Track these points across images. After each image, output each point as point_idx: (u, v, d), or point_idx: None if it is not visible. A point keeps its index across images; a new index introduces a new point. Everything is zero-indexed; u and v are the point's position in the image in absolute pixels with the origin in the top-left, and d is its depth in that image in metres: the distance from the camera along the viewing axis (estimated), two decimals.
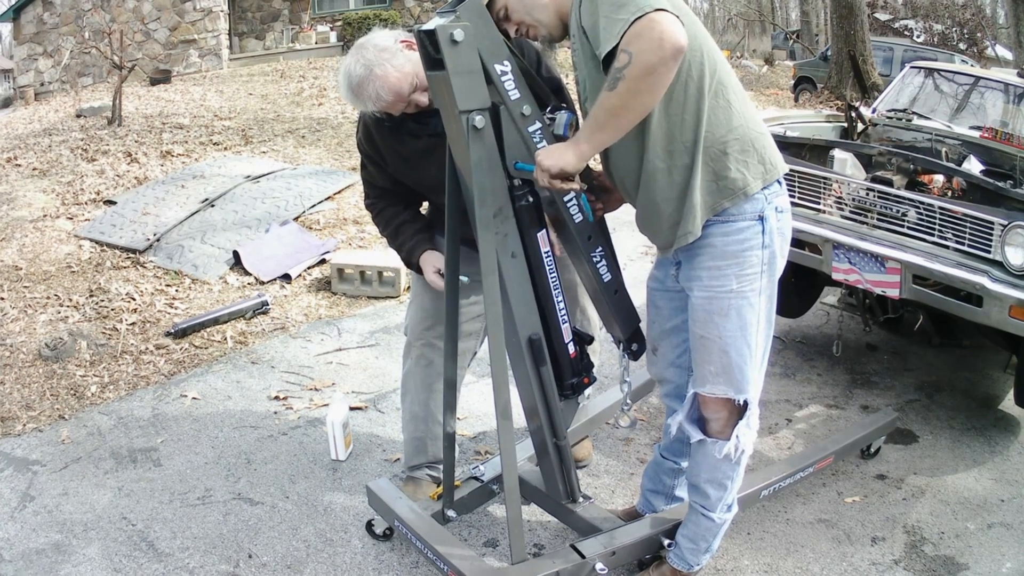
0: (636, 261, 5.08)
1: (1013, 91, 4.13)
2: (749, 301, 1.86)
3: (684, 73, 1.72)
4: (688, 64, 1.72)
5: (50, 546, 2.44)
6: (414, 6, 16.55)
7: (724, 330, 1.86)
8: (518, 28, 1.87)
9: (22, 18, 14.96)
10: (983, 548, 2.45)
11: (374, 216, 2.47)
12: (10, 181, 6.53)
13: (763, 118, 3.94)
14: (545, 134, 1.82)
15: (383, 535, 2.42)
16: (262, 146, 7.63)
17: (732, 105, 1.79)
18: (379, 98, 2.09)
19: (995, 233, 2.76)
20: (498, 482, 2.40)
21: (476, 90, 1.73)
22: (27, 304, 4.29)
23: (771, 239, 1.85)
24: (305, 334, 4.04)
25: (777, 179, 1.86)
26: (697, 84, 1.74)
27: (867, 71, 12.21)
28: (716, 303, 1.86)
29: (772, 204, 1.84)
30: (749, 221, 1.82)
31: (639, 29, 1.55)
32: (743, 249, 1.83)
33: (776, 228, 1.86)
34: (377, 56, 2.07)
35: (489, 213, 1.80)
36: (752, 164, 1.80)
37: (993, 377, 3.65)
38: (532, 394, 2.06)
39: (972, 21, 19.34)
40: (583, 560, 2.05)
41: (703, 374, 1.93)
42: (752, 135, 1.81)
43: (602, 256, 2.03)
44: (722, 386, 1.92)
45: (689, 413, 2.04)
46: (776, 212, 1.86)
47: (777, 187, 1.86)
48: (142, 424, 3.17)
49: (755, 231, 1.83)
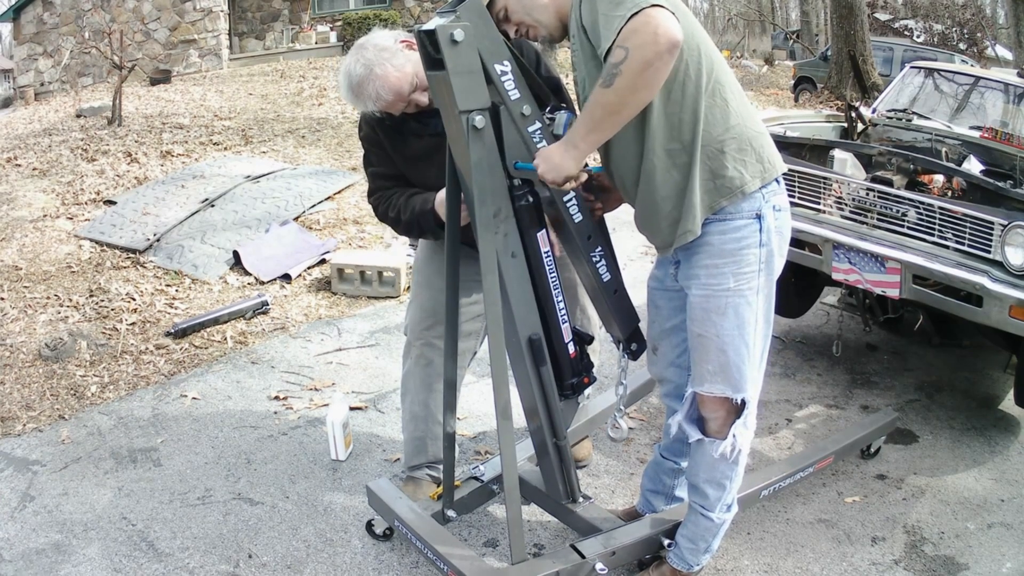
0: (636, 261, 5.08)
1: (1013, 91, 4.13)
2: (747, 299, 1.86)
3: (682, 72, 1.72)
4: (686, 63, 1.72)
5: (50, 546, 2.44)
6: (414, 6, 16.55)
7: (722, 329, 1.86)
8: (518, 28, 1.87)
9: (22, 18, 14.96)
10: (983, 548, 2.45)
11: (380, 204, 2.35)
12: (10, 181, 6.53)
13: (763, 118, 3.95)
14: (545, 134, 1.83)
15: (383, 535, 2.42)
16: (262, 146, 7.63)
17: (729, 104, 1.79)
18: (379, 98, 2.09)
19: (995, 233, 2.76)
20: (498, 482, 2.40)
21: (476, 90, 1.73)
22: (27, 304, 4.29)
23: (768, 238, 1.85)
24: (305, 334, 4.04)
25: (775, 178, 1.86)
26: (695, 83, 1.74)
27: (867, 71, 12.21)
28: (714, 301, 1.86)
29: (770, 203, 1.84)
30: (746, 219, 1.82)
31: (635, 25, 1.55)
32: (740, 247, 1.83)
33: (774, 227, 1.86)
34: (377, 56, 2.07)
35: (489, 213, 1.81)
36: (750, 163, 1.80)
37: (993, 377, 3.65)
38: (532, 394, 2.06)
39: (972, 21, 19.34)
40: (583, 560, 2.05)
41: (701, 373, 1.93)
42: (750, 134, 1.81)
43: (601, 256, 2.03)
44: (720, 385, 1.92)
45: (688, 412, 2.04)
46: (774, 211, 1.86)
47: (775, 186, 1.87)
48: (142, 424, 3.17)
49: (752, 229, 1.83)
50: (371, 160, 2.37)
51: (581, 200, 1.97)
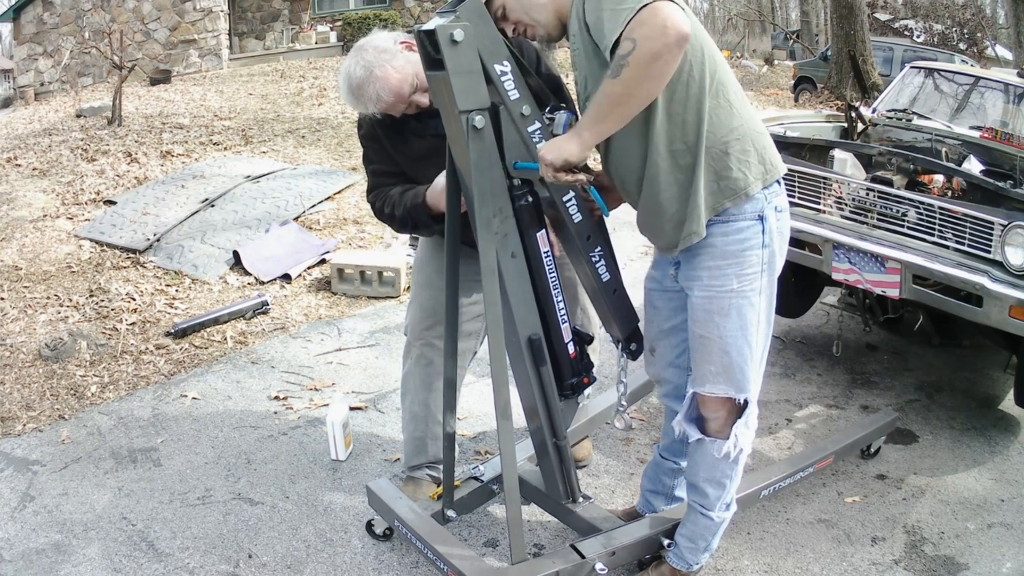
0: (636, 261, 5.08)
1: (1013, 91, 4.13)
2: (750, 300, 1.86)
3: (686, 73, 1.72)
4: (690, 63, 1.72)
5: (50, 546, 2.44)
6: (414, 6, 16.55)
7: (724, 329, 1.86)
8: (515, 27, 1.87)
9: (22, 18, 14.96)
10: (983, 548, 2.45)
11: (378, 201, 2.32)
12: (10, 181, 6.54)
13: (763, 118, 3.95)
14: (544, 134, 1.83)
15: (383, 535, 2.42)
16: (262, 146, 7.63)
17: (733, 105, 1.79)
18: (379, 99, 2.09)
19: (995, 233, 2.76)
20: (498, 482, 2.40)
21: (476, 90, 1.73)
22: (27, 304, 4.29)
23: (771, 238, 1.85)
24: (305, 334, 4.04)
25: (776, 179, 1.86)
26: (699, 84, 1.74)
27: (867, 71, 12.21)
28: (716, 303, 1.86)
29: (772, 204, 1.85)
30: (749, 221, 1.82)
31: (643, 17, 1.55)
32: (743, 249, 1.83)
33: (776, 228, 1.86)
34: (377, 58, 2.07)
35: (489, 213, 1.81)
36: (753, 164, 1.80)
37: (993, 377, 3.65)
38: (532, 394, 2.06)
39: (972, 21, 19.35)
40: (583, 560, 2.05)
41: (703, 374, 1.93)
42: (752, 135, 1.81)
43: (601, 256, 2.03)
44: (723, 385, 1.92)
45: (688, 412, 2.04)
46: (776, 212, 1.86)
47: (776, 187, 1.87)
48: (142, 424, 3.17)
49: (755, 231, 1.83)
50: (370, 158, 2.36)
51: (580, 200, 1.97)
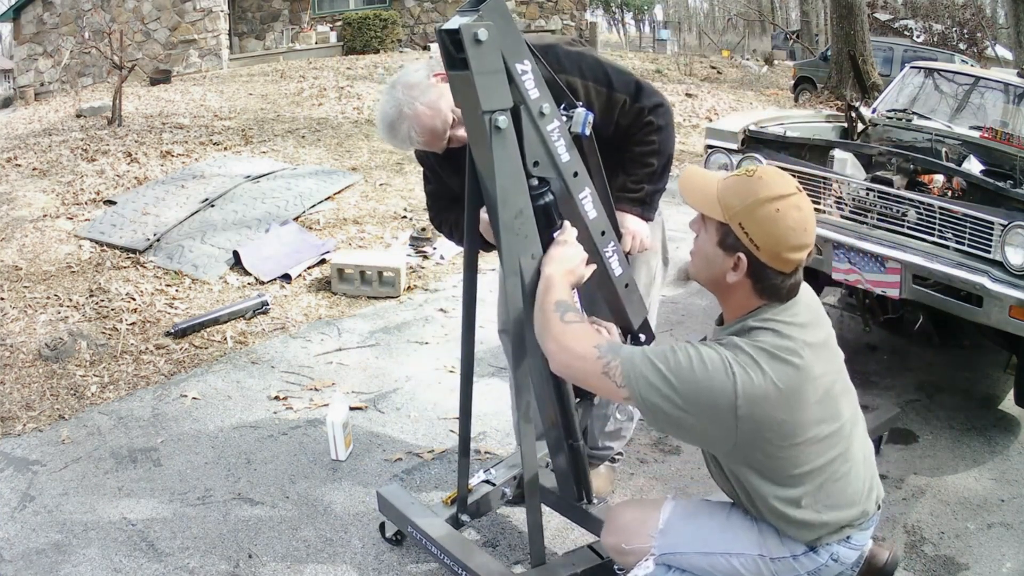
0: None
1: (1013, 91, 4.13)
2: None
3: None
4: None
5: (50, 546, 2.44)
6: (414, 6, 16.56)
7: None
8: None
9: (22, 18, 14.96)
10: (983, 548, 2.45)
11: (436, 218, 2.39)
12: (10, 181, 6.53)
13: (763, 118, 3.95)
14: (563, 132, 1.82)
15: (394, 538, 2.42)
16: (262, 146, 7.63)
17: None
18: (413, 139, 2.04)
19: (995, 233, 2.76)
20: (510, 485, 2.40)
21: (499, 90, 1.70)
22: (27, 304, 4.29)
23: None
24: (305, 334, 4.04)
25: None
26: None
27: (867, 71, 12.20)
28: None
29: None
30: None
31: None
32: None
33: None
34: (406, 95, 2.00)
35: (511, 214, 1.79)
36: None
37: (993, 377, 3.65)
38: (548, 395, 2.07)
39: (972, 21, 19.34)
40: (602, 561, 2.04)
41: None
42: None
43: (614, 251, 2.04)
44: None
45: None
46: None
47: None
48: (142, 424, 3.17)
49: None
50: (427, 177, 2.38)
51: (595, 197, 1.97)
